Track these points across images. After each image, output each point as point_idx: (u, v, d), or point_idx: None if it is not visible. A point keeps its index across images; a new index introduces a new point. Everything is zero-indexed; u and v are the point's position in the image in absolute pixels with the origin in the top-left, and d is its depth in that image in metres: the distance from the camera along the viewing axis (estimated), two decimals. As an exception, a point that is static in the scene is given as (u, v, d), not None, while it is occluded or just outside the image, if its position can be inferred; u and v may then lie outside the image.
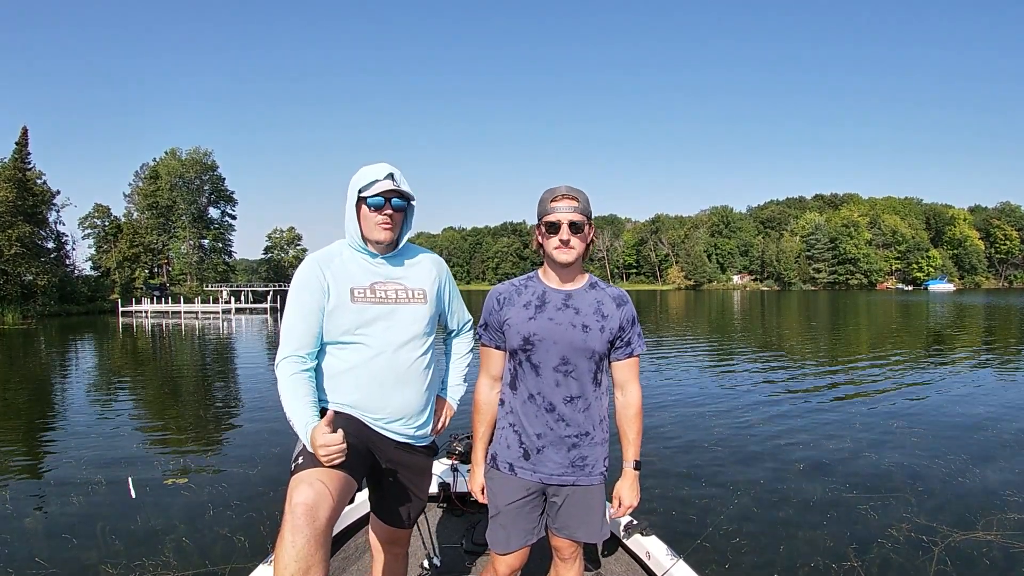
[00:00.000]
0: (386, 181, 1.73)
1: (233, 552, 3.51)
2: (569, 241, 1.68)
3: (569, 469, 1.74)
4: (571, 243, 1.68)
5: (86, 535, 3.79)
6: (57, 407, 8.49)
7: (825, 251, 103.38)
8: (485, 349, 1.85)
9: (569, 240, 1.68)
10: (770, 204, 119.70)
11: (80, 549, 3.60)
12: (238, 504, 4.29)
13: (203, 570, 3.31)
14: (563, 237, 1.68)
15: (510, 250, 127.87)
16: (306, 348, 1.71)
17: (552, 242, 1.70)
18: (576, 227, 1.68)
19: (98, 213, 57.04)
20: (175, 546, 3.60)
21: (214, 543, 3.65)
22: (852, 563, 3.37)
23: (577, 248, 1.70)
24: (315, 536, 1.37)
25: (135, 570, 3.31)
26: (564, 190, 1.70)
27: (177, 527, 3.88)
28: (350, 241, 1.81)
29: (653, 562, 2.32)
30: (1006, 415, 7.07)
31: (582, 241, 1.71)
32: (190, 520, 4.01)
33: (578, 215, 1.68)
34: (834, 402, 7.98)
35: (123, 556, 3.48)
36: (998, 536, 3.68)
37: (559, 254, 1.70)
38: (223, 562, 3.38)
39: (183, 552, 3.53)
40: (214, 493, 4.53)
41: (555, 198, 1.70)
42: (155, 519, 4.03)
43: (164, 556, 3.46)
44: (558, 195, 1.70)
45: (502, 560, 1.77)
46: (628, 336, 1.77)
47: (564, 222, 1.68)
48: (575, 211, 1.68)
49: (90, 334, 23.88)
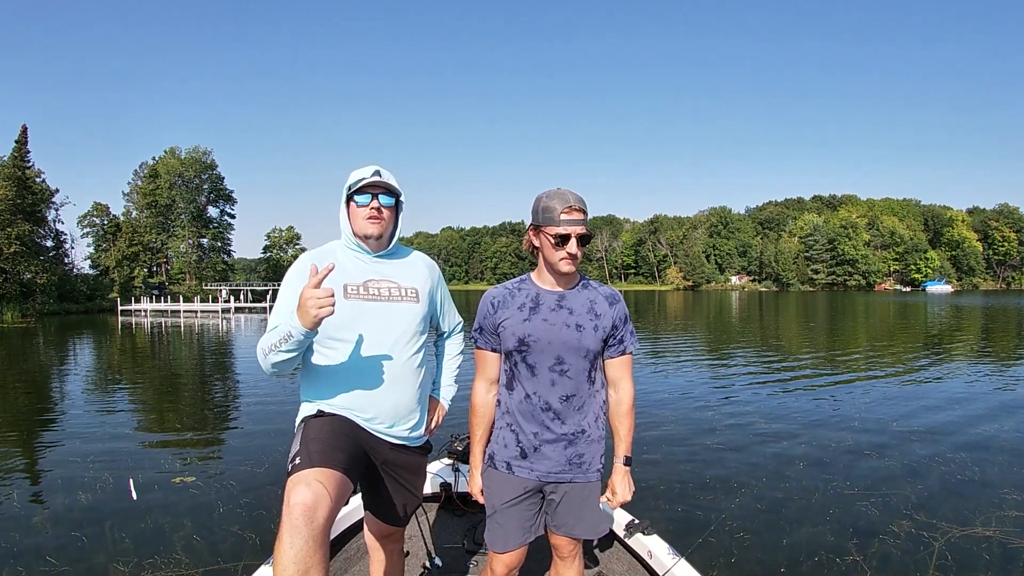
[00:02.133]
0: (372, 177, 1.79)
1: (244, 549, 3.54)
2: (576, 255, 1.71)
3: (566, 466, 1.75)
4: (577, 256, 1.72)
5: (95, 533, 3.80)
6: (60, 406, 8.48)
7: (823, 252, 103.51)
8: (481, 352, 1.86)
9: (577, 254, 1.71)
10: (768, 205, 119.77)
11: (90, 547, 3.61)
12: (247, 502, 4.32)
13: (215, 567, 3.33)
14: (571, 251, 1.70)
15: (508, 250, 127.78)
16: None
17: (559, 253, 1.71)
18: (584, 240, 1.71)
19: (97, 212, 56.95)
20: (185, 544, 3.62)
21: (224, 540, 3.67)
22: (854, 557, 3.42)
23: (580, 258, 1.73)
24: (314, 537, 1.37)
25: (147, 568, 3.33)
26: (573, 201, 1.70)
27: (186, 525, 3.90)
28: (344, 240, 1.86)
29: (655, 561, 2.32)
30: (1003, 414, 7.13)
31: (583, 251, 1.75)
32: (199, 518, 4.04)
33: (585, 228, 1.71)
34: (833, 402, 8.02)
35: (133, 554, 3.49)
36: (996, 532, 3.74)
37: (564, 265, 1.72)
38: (234, 559, 3.40)
39: (193, 550, 3.55)
40: (222, 491, 4.56)
41: (566, 209, 1.69)
42: (164, 518, 4.05)
43: (176, 554, 3.49)
44: (569, 207, 1.69)
45: (500, 559, 1.77)
46: (621, 334, 1.80)
47: (574, 235, 1.69)
48: (583, 224, 1.70)
49: (90, 333, 23.85)
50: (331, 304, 1.52)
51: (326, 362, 1.75)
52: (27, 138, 41.42)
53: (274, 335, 1.62)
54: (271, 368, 1.66)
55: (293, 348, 1.60)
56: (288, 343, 1.58)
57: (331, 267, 1.57)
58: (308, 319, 1.52)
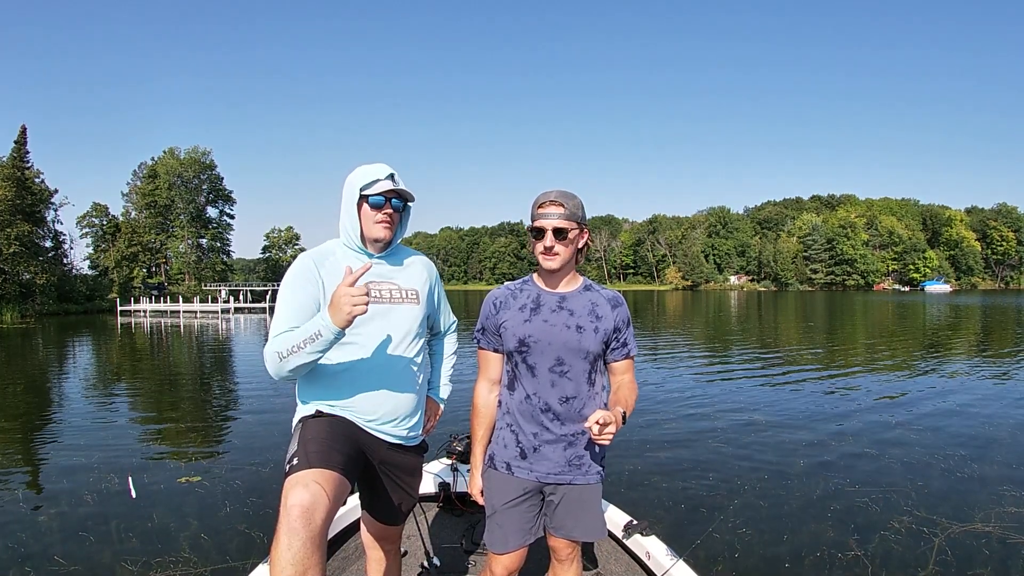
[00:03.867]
0: (387, 181, 1.77)
1: (252, 548, 3.56)
2: (553, 248, 1.69)
3: (566, 468, 1.75)
4: (555, 249, 1.69)
5: (101, 533, 3.81)
6: (62, 407, 8.49)
7: (822, 252, 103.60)
8: (483, 352, 1.86)
9: (553, 247, 1.68)
10: (767, 205, 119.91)
11: (97, 547, 3.62)
12: (254, 500, 4.35)
13: (223, 566, 3.35)
14: (547, 244, 1.68)
15: (507, 250, 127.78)
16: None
17: (537, 248, 1.71)
18: (560, 233, 1.68)
19: (96, 212, 57.00)
20: (192, 543, 3.64)
21: (232, 539, 3.70)
22: (856, 553, 3.47)
23: (562, 254, 1.70)
24: (311, 538, 1.36)
25: (155, 567, 3.34)
26: (553, 195, 1.69)
27: (192, 524, 3.92)
28: (346, 240, 1.82)
29: (653, 562, 2.31)
30: (1002, 412, 7.18)
31: (567, 247, 1.70)
32: (206, 517, 4.06)
33: (563, 221, 1.67)
34: (832, 400, 8.06)
35: (141, 553, 3.50)
36: (996, 528, 3.79)
37: (544, 260, 1.72)
38: (242, 558, 3.42)
39: (201, 548, 3.57)
40: (228, 490, 4.59)
41: (541, 204, 1.69)
42: (170, 517, 4.06)
43: (185, 553, 3.50)
44: (545, 201, 1.69)
45: (499, 560, 1.76)
46: (623, 337, 1.79)
47: (548, 228, 1.67)
48: (560, 217, 1.67)
49: (90, 333, 23.84)
50: (365, 303, 1.51)
51: (326, 363, 1.73)
52: (26, 138, 41.45)
53: (295, 336, 1.57)
54: (287, 373, 1.61)
55: (322, 348, 1.57)
56: (317, 343, 1.55)
57: (369, 266, 1.58)
58: (341, 317, 1.51)
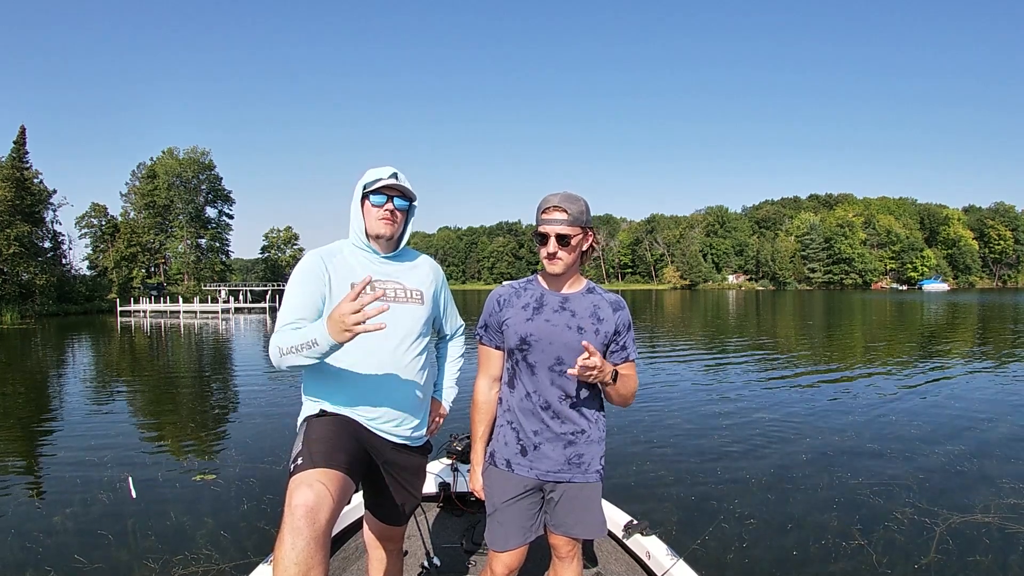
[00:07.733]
0: (389, 179, 1.81)
1: (270, 543, 3.58)
2: (556, 253, 1.72)
3: (566, 466, 1.77)
4: (558, 255, 1.72)
5: (118, 532, 3.83)
6: (65, 407, 8.49)
7: (820, 251, 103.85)
8: (485, 349, 1.88)
9: (556, 253, 1.72)
10: (765, 204, 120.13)
11: (116, 546, 3.64)
12: (270, 498, 4.39)
13: (243, 561, 3.39)
14: (550, 250, 1.72)
15: (505, 250, 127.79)
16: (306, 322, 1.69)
17: (541, 252, 1.75)
18: (563, 239, 1.71)
19: (95, 212, 56.81)
20: (210, 540, 3.67)
21: (249, 535, 3.75)
22: (859, 542, 3.56)
23: (565, 259, 1.73)
24: (315, 538, 1.37)
25: (176, 564, 3.37)
26: (556, 201, 1.71)
27: (208, 522, 3.96)
28: (353, 239, 1.87)
29: (653, 562, 2.31)
30: (1000, 408, 7.27)
31: (570, 252, 1.73)
32: (223, 514, 4.11)
33: (566, 227, 1.70)
34: (832, 398, 8.13)
35: (160, 552, 3.53)
36: (995, 519, 3.89)
37: (547, 265, 1.76)
38: (260, 553, 3.42)
39: (220, 545, 3.61)
40: (243, 488, 4.64)
41: (545, 209, 1.72)
42: (187, 515, 4.10)
43: (205, 550, 3.54)
44: (549, 206, 1.71)
45: (499, 559, 1.76)
46: (623, 340, 1.80)
47: (552, 235, 1.71)
48: (563, 223, 1.70)
49: (90, 334, 23.82)
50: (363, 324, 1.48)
51: (330, 361, 1.73)
52: (25, 139, 41.38)
53: (295, 336, 1.58)
54: (287, 368, 1.63)
55: (318, 356, 1.56)
56: (313, 350, 1.55)
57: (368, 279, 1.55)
58: (338, 334, 1.49)
